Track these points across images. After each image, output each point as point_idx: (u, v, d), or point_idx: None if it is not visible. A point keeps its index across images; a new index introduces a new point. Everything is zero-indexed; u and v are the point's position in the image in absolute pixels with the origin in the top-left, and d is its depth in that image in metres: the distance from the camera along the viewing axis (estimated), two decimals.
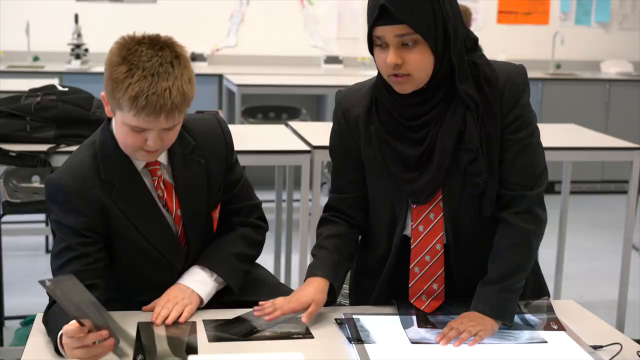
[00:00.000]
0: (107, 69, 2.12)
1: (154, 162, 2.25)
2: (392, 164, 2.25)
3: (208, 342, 2.09)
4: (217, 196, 2.38)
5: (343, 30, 8.11)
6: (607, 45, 8.59)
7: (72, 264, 2.15)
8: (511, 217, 2.25)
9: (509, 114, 2.22)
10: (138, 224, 2.24)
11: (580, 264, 5.83)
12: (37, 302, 4.71)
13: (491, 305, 2.21)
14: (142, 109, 2.06)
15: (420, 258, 2.31)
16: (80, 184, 2.17)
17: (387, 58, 2.12)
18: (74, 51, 7.15)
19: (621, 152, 4.32)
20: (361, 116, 2.30)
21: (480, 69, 2.20)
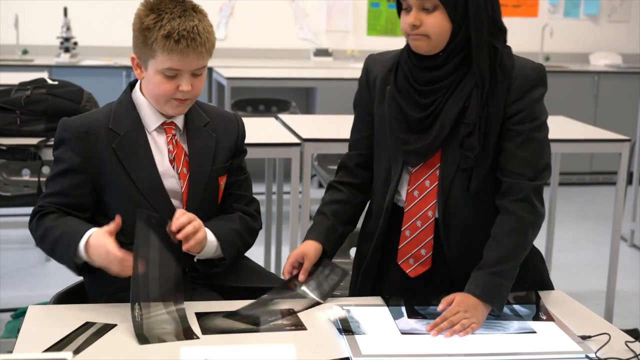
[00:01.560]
0: (137, 24, 2.32)
1: (170, 122, 2.40)
2: (395, 122, 2.37)
3: (202, 334, 2.10)
4: (225, 164, 2.48)
5: (332, 23, 8.11)
6: (596, 37, 8.62)
7: (50, 198, 2.35)
8: (509, 204, 2.32)
9: (514, 104, 2.31)
10: (132, 173, 2.35)
11: (569, 255, 5.85)
12: (28, 294, 4.75)
13: (483, 288, 2.25)
14: (176, 44, 2.25)
15: (412, 222, 2.39)
16: (87, 128, 2.35)
17: (407, 19, 2.29)
18: (63, 44, 7.14)
19: (610, 144, 4.34)
20: (380, 76, 2.45)
21: (499, 55, 2.33)
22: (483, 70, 2.29)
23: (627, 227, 6.07)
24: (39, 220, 2.33)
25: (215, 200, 2.48)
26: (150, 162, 2.37)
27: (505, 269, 2.28)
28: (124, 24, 7.59)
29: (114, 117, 2.38)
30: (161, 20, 2.27)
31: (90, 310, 2.24)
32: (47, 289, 4.45)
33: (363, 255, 2.53)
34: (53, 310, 2.27)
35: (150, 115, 2.39)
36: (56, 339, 2.03)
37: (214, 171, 2.45)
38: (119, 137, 2.35)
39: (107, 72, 7.09)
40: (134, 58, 2.36)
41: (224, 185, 2.49)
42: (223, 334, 2.09)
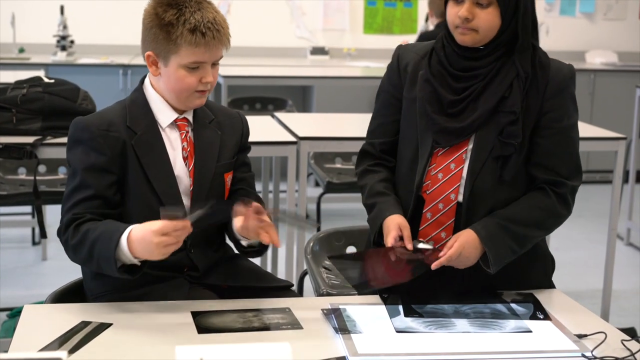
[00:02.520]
0: (154, 21, 2.32)
1: (183, 118, 2.41)
2: (428, 103, 2.40)
3: (197, 333, 2.10)
4: (231, 160, 2.49)
5: (329, 21, 8.11)
6: (592, 35, 8.62)
7: (84, 204, 2.29)
8: (549, 188, 2.40)
9: (551, 99, 2.40)
10: (148, 172, 2.34)
11: (566, 254, 5.85)
12: (24, 294, 4.74)
13: (488, 232, 2.33)
14: (202, 37, 2.28)
15: (434, 205, 2.41)
16: (106, 126, 2.33)
17: (459, 11, 2.33)
18: (60, 43, 7.13)
19: (606, 142, 4.34)
20: (412, 62, 2.50)
21: (538, 53, 2.41)
22: (524, 64, 2.37)
23: (623, 226, 6.07)
24: (75, 229, 2.26)
25: (222, 197, 2.48)
26: (166, 162, 2.37)
27: (516, 232, 2.36)
28: (120, 22, 7.65)
29: (130, 114, 2.37)
30: (183, 14, 2.28)
31: (86, 310, 2.23)
32: (44, 289, 4.45)
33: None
34: (49, 310, 2.27)
35: (163, 111, 2.39)
36: (51, 338, 2.03)
37: (220, 167, 2.45)
38: (135, 135, 2.34)
39: (104, 71, 7.09)
40: (149, 55, 2.35)
41: (230, 182, 2.50)
42: (219, 332, 2.09)
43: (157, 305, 2.26)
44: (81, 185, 2.30)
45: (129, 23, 7.67)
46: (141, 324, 2.15)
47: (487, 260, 2.34)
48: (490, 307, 2.32)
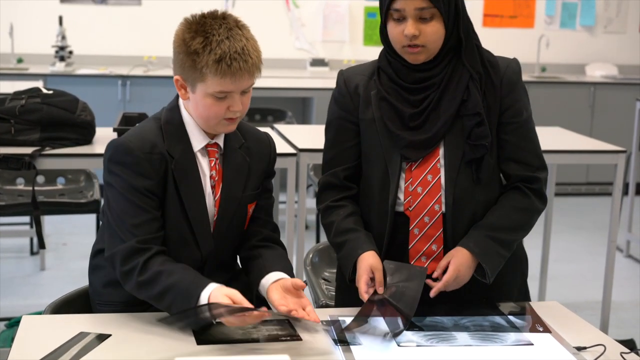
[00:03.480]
0: (181, 47, 2.25)
1: (214, 144, 2.35)
2: (389, 121, 2.38)
3: (196, 344, 2.09)
4: (256, 191, 2.44)
5: (329, 32, 8.12)
6: (592, 48, 8.63)
7: (143, 228, 2.22)
8: (524, 187, 2.42)
9: (508, 96, 2.39)
10: (184, 199, 2.30)
11: (565, 266, 5.85)
12: (22, 303, 4.74)
13: (482, 248, 2.34)
14: (228, 68, 2.19)
15: (420, 219, 2.39)
16: (149, 149, 2.26)
17: (404, 30, 2.29)
18: (58, 53, 7.12)
19: (605, 155, 4.34)
20: (361, 84, 2.46)
21: (483, 52, 2.41)
22: (475, 65, 2.36)
23: (622, 238, 6.07)
24: (145, 264, 2.18)
25: (242, 227, 2.44)
26: (199, 190, 2.33)
27: (504, 238, 2.38)
28: (119, 33, 7.66)
29: (167, 136, 2.30)
30: (210, 43, 2.19)
31: (85, 321, 2.23)
32: (42, 299, 4.45)
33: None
34: (47, 320, 2.27)
35: (196, 136, 2.33)
36: (50, 349, 2.02)
37: (245, 198, 2.40)
38: (173, 159, 2.28)
39: (103, 81, 7.09)
40: (178, 80, 2.28)
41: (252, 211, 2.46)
42: (218, 344, 2.08)
43: (156, 316, 2.25)
44: (133, 208, 2.23)
45: (128, 34, 7.69)
46: (140, 335, 2.14)
47: (482, 270, 2.35)
48: (489, 319, 2.31)
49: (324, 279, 2.97)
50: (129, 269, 2.19)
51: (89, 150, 3.78)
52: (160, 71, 7.34)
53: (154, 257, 2.20)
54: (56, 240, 6.02)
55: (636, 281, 5.65)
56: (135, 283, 2.18)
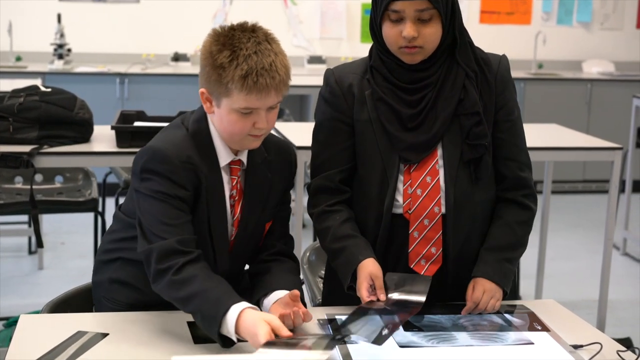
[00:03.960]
0: (208, 60, 2.17)
1: (237, 160, 2.29)
2: (387, 122, 2.35)
3: (194, 343, 2.10)
4: (275, 209, 2.40)
5: (326, 30, 8.12)
6: (589, 45, 8.63)
7: (184, 227, 2.15)
8: (522, 199, 2.44)
9: (502, 94, 2.39)
10: (211, 215, 2.25)
11: (562, 264, 5.86)
12: (20, 303, 4.74)
13: (501, 273, 2.37)
14: (254, 85, 2.11)
15: (419, 222, 2.37)
16: (186, 158, 2.19)
17: (403, 31, 2.25)
18: (57, 51, 7.13)
19: (602, 152, 4.34)
20: (355, 83, 2.40)
21: (475, 49, 2.39)
22: (470, 64, 2.35)
23: (619, 236, 6.07)
24: (183, 266, 2.09)
25: (257, 244, 2.40)
26: (223, 207, 2.28)
27: (515, 257, 2.43)
28: (118, 30, 7.65)
29: (196, 149, 2.22)
30: (237, 58, 2.12)
31: (82, 320, 2.23)
32: (40, 298, 4.44)
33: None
34: (45, 320, 2.27)
35: (221, 150, 2.26)
36: (48, 349, 2.02)
37: (263, 217, 2.36)
38: (203, 174, 2.22)
39: (101, 79, 7.09)
40: (203, 92, 2.21)
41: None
42: (215, 342, 2.08)
43: (154, 315, 2.25)
44: (170, 210, 2.16)
45: (126, 31, 7.69)
46: (137, 334, 2.15)
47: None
48: (487, 319, 2.31)
49: (320, 278, 2.97)
50: (165, 267, 2.10)
51: (87, 149, 3.78)
52: (158, 69, 7.35)
53: (195, 261, 2.12)
54: (54, 239, 6.02)
55: (633, 279, 5.65)
56: (168, 281, 2.09)
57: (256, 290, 2.32)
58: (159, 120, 4.02)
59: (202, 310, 2.04)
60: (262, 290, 2.29)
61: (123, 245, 2.35)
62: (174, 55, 7.69)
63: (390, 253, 2.42)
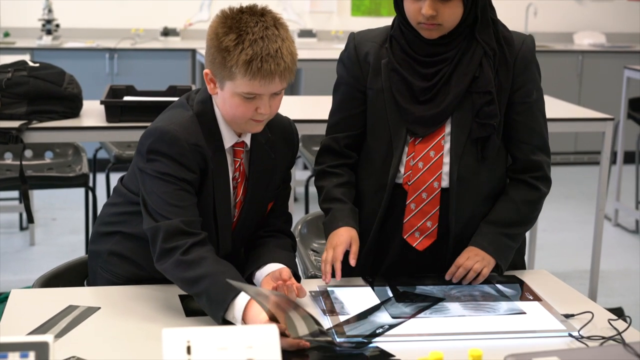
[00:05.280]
0: (213, 41, 2.14)
1: (241, 143, 2.27)
2: (398, 93, 2.35)
3: (185, 316, 2.10)
4: (277, 190, 2.39)
5: (316, 3, 8.08)
6: (580, 16, 8.62)
7: (190, 210, 2.14)
8: (532, 180, 2.43)
9: (521, 75, 2.36)
10: (216, 198, 2.24)
11: (554, 235, 5.87)
12: (12, 279, 4.74)
13: (496, 246, 2.36)
14: (258, 71, 2.09)
15: (417, 195, 2.38)
16: (194, 141, 2.17)
17: (422, 9, 2.24)
18: (45, 27, 7.08)
19: (594, 123, 4.34)
20: (372, 52, 2.41)
21: (498, 27, 2.37)
22: (489, 42, 2.33)
23: (611, 207, 6.09)
24: (192, 247, 2.08)
25: (258, 223, 2.39)
26: (227, 189, 2.26)
27: (516, 233, 2.41)
28: (106, 6, 7.61)
29: (203, 131, 2.20)
30: (242, 42, 2.09)
31: (74, 294, 2.23)
32: (31, 273, 4.45)
33: (361, 235, 2.43)
34: (36, 294, 2.27)
35: (225, 132, 2.24)
36: (39, 323, 2.02)
37: (266, 198, 2.36)
38: (209, 156, 2.20)
39: (90, 55, 7.05)
40: (207, 73, 2.18)
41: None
42: (206, 315, 2.08)
43: (145, 288, 2.25)
44: (177, 192, 2.14)
45: (115, 7, 7.64)
46: (129, 307, 2.15)
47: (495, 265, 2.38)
48: (479, 289, 2.31)
49: (312, 250, 2.98)
50: (172, 246, 2.08)
51: (77, 123, 3.77)
52: (147, 44, 7.31)
53: (202, 243, 2.11)
54: (45, 215, 6.01)
55: (624, 250, 5.67)
56: (176, 261, 2.07)
57: (249, 263, 2.32)
58: (148, 94, 4.00)
59: (209, 292, 2.02)
60: (255, 263, 2.29)
61: (123, 219, 2.34)
62: (163, 30, 7.64)
63: (387, 223, 2.43)
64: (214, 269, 2.05)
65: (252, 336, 1.79)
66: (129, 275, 2.33)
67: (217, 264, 2.08)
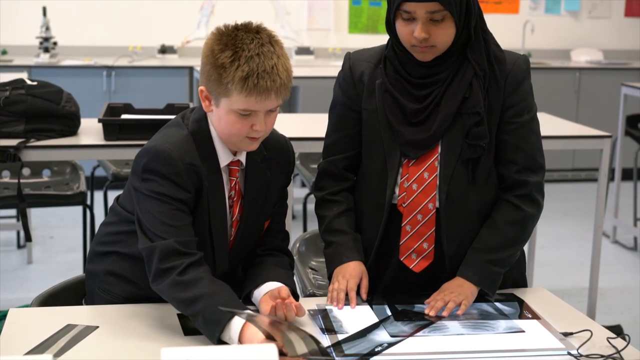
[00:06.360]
0: (209, 58, 2.14)
1: (236, 161, 2.27)
2: (391, 114, 2.35)
3: (183, 335, 2.09)
4: (274, 208, 2.39)
5: (314, 21, 8.10)
6: (577, 33, 8.64)
7: (185, 231, 2.14)
8: (515, 199, 2.38)
9: (512, 94, 2.34)
10: (212, 218, 2.23)
11: (552, 252, 5.87)
12: (10, 297, 4.72)
13: (480, 274, 2.33)
14: (254, 88, 2.09)
15: (412, 216, 2.37)
16: (189, 160, 2.17)
17: (414, 32, 2.24)
18: (43, 44, 7.09)
19: (591, 140, 4.34)
20: (367, 72, 2.42)
21: (490, 46, 2.35)
22: (480, 62, 2.31)
23: (609, 224, 6.09)
24: (188, 267, 2.08)
25: (255, 242, 2.39)
26: (224, 209, 2.26)
27: (502, 257, 2.36)
28: (104, 23, 7.62)
29: (198, 149, 2.20)
30: (238, 59, 2.09)
31: (72, 313, 2.22)
32: (29, 292, 4.42)
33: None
34: (34, 313, 2.26)
35: (221, 151, 2.24)
36: (37, 342, 2.01)
37: (262, 217, 2.36)
38: (205, 175, 2.20)
39: (88, 72, 7.06)
40: (202, 90, 2.18)
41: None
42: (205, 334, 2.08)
43: (143, 307, 2.25)
44: (172, 212, 2.14)
45: (113, 24, 7.66)
46: (127, 326, 2.14)
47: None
48: (477, 307, 2.31)
49: (311, 268, 2.97)
50: (168, 267, 2.08)
51: (75, 142, 3.76)
52: (145, 61, 7.32)
53: (198, 264, 2.11)
54: (43, 233, 6.00)
55: (623, 267, 5.67)
56: (172, 281, 2.07)
57: (247, 282, 2.31)
58: (146, 112, 4.00)
59: (205, 313, 2.02)
60: (253, 282, 2.28)
61: (120, 239, 2.34)
62: (160, 47, 7.66)
63: (383, 245, 2.43)
64: (210, 290, 2.05)
65: (252, 355, 1.79)
66: (126, 295, 2.32)
67: (213, 285, 2.08)
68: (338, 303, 2.28)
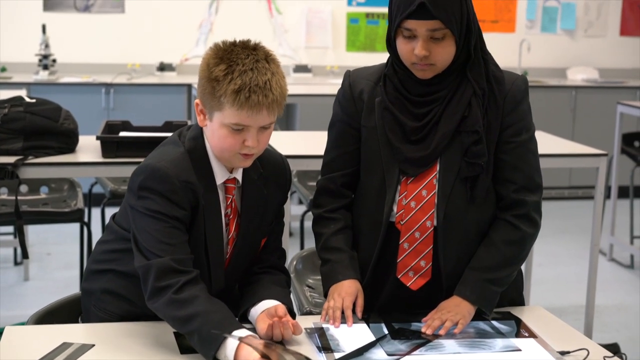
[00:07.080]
0: (204, 72, 2.17)
1: (232, 179, 2.27)
2: (390, 132, 2.35)
3: (180, 354, 2.09)
4: (270, 226, 2.39)
5: (312, 39, 8.12)
6: (573, 52, 8.67)
7: (181, 248, 2.14)
8: (512, 219, 2.38)
9: (510, 114, 2.35)
10: (208, 236, 2.24)
11: (549, 270, 5.86)
12: (6, 314, 4.71)
13: (478, 293, 2.33)
14: (245, 101, 2.10)
15: (410, 234, 2.37)
16: (185, 178, 2.17)
17: (415, 49, 2.25)
18: (42, 62, 7.11)
19: (588, 158, 4.36)
20: (366, 89, 2.42)
21: (489, 66, 2.36)
22: (479, 81, 2.33)
23: (606, 242, 6.09)
24: (185, 285, 2.08)
25: (251, 260, 2.39)
26: (220, 227, 2.26)
27: (500, 277, 2.36)
28: (103, 41, 7.64)
29: (194, 167, 2.20)
30: (232, 72, 2.11)
31: (68, 331, 2.22)
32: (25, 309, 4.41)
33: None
34: (30, 331, 2.26)
35: (217, 168, 2.25)
36: None
37: (259, 234, 2.36)
38: (201, 193, 2.20)
39: (86, 89, 7.07)
40: (197, 104, 2.21)
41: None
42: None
43: (139, 325, 2.25)
44: (168, 229, 2.14)
45: (112, 42, 7.68)
46: (123, 344, 2.14)
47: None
48: (474, 326, 2.31)
49: (308, 286, 2.98)
50: (164, 285, 2.08)
51: (73, 159, 3.77)
52: (143, 79, 7.33)
53: (194, 282, 2.11)
54: (40, 250, 6.00)
55: (620, 285, 5.67)
56: (168, 300, 2.07)
57: (244, 300, 2.31)
58: (144, 130, 4.01)
59: (201, 331, 2.02)
60: (250, 300, 2.28)
61: (116, 257, 2.34)
62: (159, 65, 7.68)
63: (380, 262, 2.43)
64: (206, 308, 2.05)
65: None
66: (123, 313, 2.32)
67: (209, 303, 2.08)
68: (334, 321, 2.28)
